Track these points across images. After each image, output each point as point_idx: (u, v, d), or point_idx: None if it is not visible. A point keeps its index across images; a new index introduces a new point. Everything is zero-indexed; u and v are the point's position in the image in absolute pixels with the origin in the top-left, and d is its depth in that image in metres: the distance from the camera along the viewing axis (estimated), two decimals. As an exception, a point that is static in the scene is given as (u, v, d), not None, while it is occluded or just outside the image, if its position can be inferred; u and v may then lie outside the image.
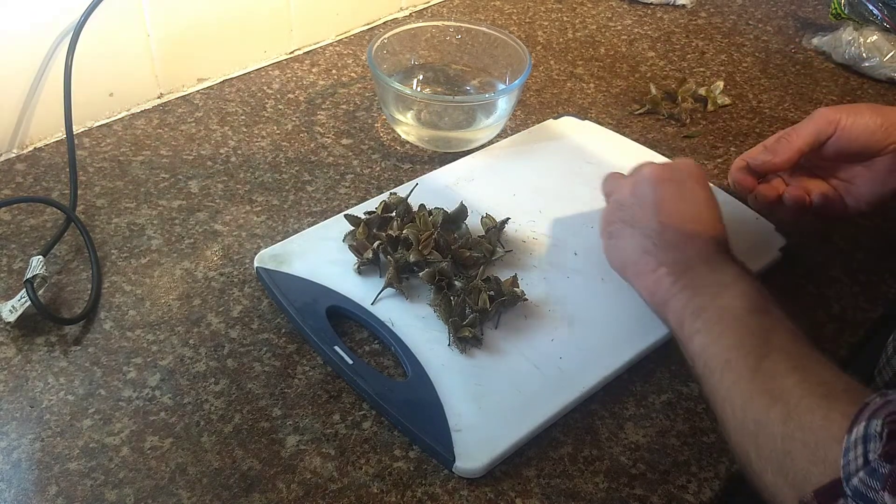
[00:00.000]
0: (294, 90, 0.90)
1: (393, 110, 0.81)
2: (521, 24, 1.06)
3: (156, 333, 0.62)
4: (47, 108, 0.78)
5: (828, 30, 1.04)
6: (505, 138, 0.82)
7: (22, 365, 0.59)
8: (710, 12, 1.12)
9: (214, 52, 0.88)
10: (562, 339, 0.61)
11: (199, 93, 0.88)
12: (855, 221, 0.76)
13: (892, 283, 0.71)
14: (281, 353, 0.61)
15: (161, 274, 0.67)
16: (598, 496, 0.53)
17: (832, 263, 0.72)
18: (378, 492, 0.52)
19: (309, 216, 0.73)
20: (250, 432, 0.55)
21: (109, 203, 0.73)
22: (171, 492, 0.52)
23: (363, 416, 0.57)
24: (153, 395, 0.58)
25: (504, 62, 0.85)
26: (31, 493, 0.51)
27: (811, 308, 0.68)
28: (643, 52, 1.02)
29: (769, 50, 1.04)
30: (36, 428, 0.55)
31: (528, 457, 0.55)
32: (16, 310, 0.60)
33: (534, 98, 0.91)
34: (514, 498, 0.53)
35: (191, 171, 0.78)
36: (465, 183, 0.75)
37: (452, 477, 0.54)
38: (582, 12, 1.10)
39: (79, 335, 0.61)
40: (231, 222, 0.72)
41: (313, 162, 0.80)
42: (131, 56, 0.82)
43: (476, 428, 0.55)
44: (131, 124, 0.83)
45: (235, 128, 0.84)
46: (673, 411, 0.59)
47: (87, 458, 0.53)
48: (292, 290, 0.63)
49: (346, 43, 0.99)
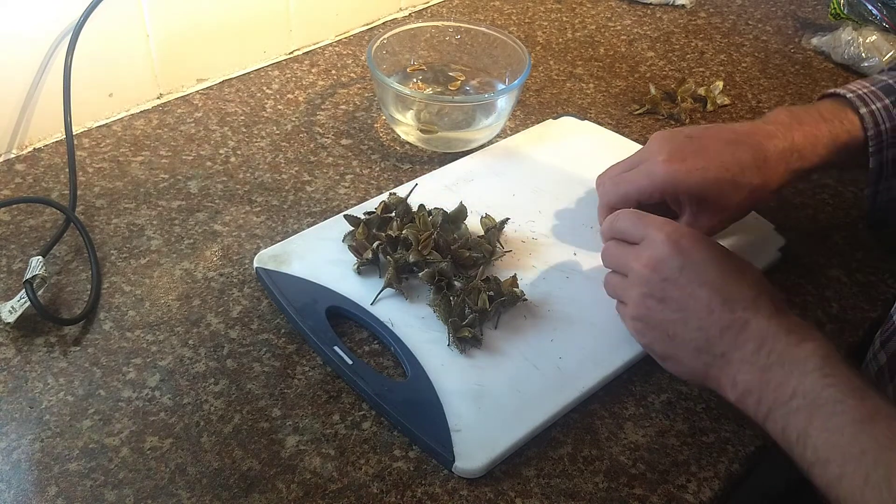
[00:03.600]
0: (293, 90, 0.90)
1: (392, 110, 0.81)
2: (520, 24, 1.06)
3: (155, 334, 0.62)
4: (47, 108, 0.78)
5: (827, 30, 1.04)
6: (504, 139, 0.83)
7: (21, 365, 0.59)
8: (710, 12, 1.12)
9: (214, 53, 0.88)
10: (561, 339, 0.61)
11: (198, 93, 0.88)
12: (854, 221, 0.76)
13: (892, 284, 0.71)
14: (280, 354, 0.61)
15: (160, 274, 0.67)
16: (597, 496, 0.53)
17: (831, 263, 0.72)
18: (378, 492, 0.52)
19: (308, 216, 0.73)
20: (250, 432, 0.55)
21: (109, 203, 0.73)
22: (171, 492, 0.52)
23: (363, 416, 0.57)
24: (153, 395, 0.58)
25: (503, 62, 0.85)
26: (31, 494, 0.51)
27: (810, 308, 0.68)
28: (642, 52, 1.02)
29: (768, 50, 1.04)
30: (35, 428, 0.55)
31: (528, 457, 0.55)
32: (15, 310, 0.60)
33: (533, 98, 0.91)
34: (514, 498, 0.53)
35: (190, 171, 0.78)
36: (464, 183, 0.75)
37: (452, 477, 0.54)
38: (581, 12, 1.10)
39: (78, 336, 0.61)
40: (230, 223, 0.72)
41: (313, 162, 0.80)
42: (131, 56, 0.82)
43: (476, 428, 0.55)
44: (131, 125, 0.83)
45: (235, 128, 0.84)
46: (672, 411, 0.59)
47: (86, 459, 0.53)
48: (292, 290, 0.63)
49: (345, 43, 0.99)
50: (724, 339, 0.52)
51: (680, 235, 0.55)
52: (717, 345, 0.52)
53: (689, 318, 0.53)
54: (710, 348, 0.53)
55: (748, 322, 0.52)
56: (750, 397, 0.51)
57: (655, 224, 0.57)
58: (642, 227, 0.57)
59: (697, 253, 0.55)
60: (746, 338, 0.52)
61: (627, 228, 0.59)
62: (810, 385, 0.48)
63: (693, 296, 0.53)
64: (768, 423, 0.50)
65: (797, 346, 0.50)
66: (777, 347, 0.50)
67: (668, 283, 0.54)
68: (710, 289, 0.53)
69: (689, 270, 0.54)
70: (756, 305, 0.52)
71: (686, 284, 0.54)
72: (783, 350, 0.50)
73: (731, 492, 0.56)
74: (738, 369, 0.52)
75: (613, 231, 0.60)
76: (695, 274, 0.54)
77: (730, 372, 0.52)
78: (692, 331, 0.53)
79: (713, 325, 0.53)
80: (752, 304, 0.52)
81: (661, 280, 0.55)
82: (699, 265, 0.54)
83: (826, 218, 0.77)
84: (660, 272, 0.55)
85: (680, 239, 0.55)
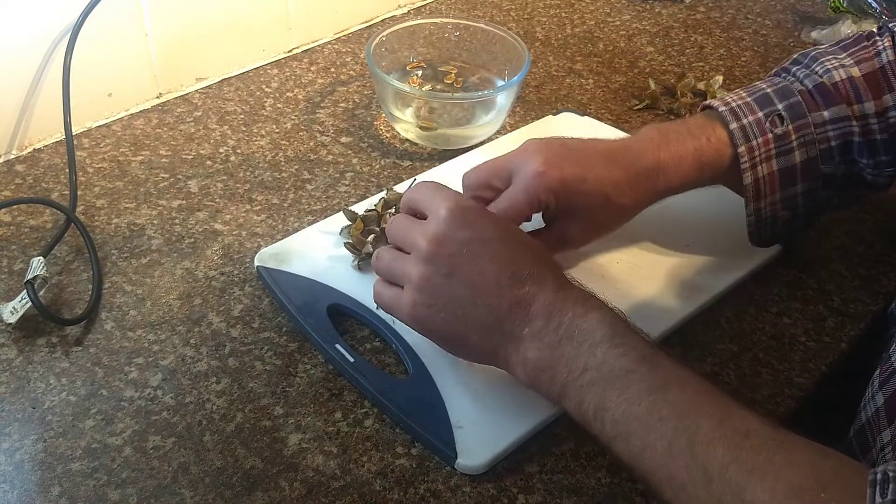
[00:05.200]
0: (293, 89, 0.90)
1: (392, 108, 0.81)
2: (519, 20, 1.06)
3: (157, 333, 0.62)
4: (46, 109, 0.78)
5: (827, 23, 1.04)
6: (504, 135, 0.82)
7: (23, 366, 0.59)
8: (709, 6, 1.12)
9: (213, 52, 0.88)
10: (563, 336, 0.61)
11: (197, 92, 0.88)
12: (855, 215, 0.76)
13: (893, 277, 0.70)
14: (282, 352, 0.61)
15: (161, 274, 0.67)
16: (600, 491, 0.53)
17: (832, 257, 0.72)
18: (380, 489, 0.53)
19: (309, 214, 0.73)
20: (252, 431, 0.56)
21: (109, 203, 0.73)
22: (174, 491, 0.52)
23: (365, 413, 0.57)
24: (155, 394, 0.58)
25: (503, 58, 0.85)
26: (34, 494, 0.51)
27: (812, 302, 0.68)
28: (642, 47, 1.02)
29: (768, 44, 1.03)
30: (38, 429, 0.55)
31: (531, 453, 0.55)
32: (17, 311, 0.60)
33: (533, 94, 0.91)
34: (517, 494, 0.53)
35: (190, 170, 0.78)
36: (464, 180, 0.75)
37: (455, 474, 0.54)
38: (580, 8, 1.10)
39: (80, 336, 0.61)
40: (231, 221, 0.72)
41: (313, 160, 0.80)
42: (130, 56, 0.82)
43: (478, 424, 0.55)
44: (130, 124, 0.83)
45: (234, 127, 0.83)
46: (674, 406, 0.59)
47: (89, 459, 0.53)
48: (293, 288, 0.63)
49: (344, 41, 0.99)
50: (514, 315, 0.50)
51: (464, 209, 0.53)
52: (506, 322, 0.51)
53: (478, 294, 0.51)
54: (499, 326, 0.51)
55: (536, 296, 0.50)
56: (543, 375, 0.50)
57: (443, 196, 0.54)
58: (433, 200, 0.54)
59: (484, 228, 0.53)
60: (535, 313, 0.50)
61: (420, 200, 0.55)
62: (602, 357, 0.47)
63: (482, 272, 0.51)
64: (564, 400, 0.49)
65: (584, 317, 0.49)
66: (564, 321, 0.49)
67: (455, 258, 0.51)
68: (498, 263, 0.51)
69: (477, 245, 0.52)
70: (543, 280, 0.51)
71: (473, 259, 0.51)
72: (570, 323, 0.49)
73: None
74: (527, 346, 0.50)
75: (408, 202, 0.57)
76: (482, 248, 0.52)
77: (520, 349, 0.51)
78: (481, 307, 0.51)
79: (503, 302, 0.51)
80: (539, 279, 0.51)
81: (447, 255, 0.51)
82: (486, 240, 0.52)
83: (827, 212, 0.77)
84: (446, 247, 0.52)
85: (465, 212, 0.53)
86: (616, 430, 0.46)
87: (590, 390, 0.47)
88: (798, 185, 0.64)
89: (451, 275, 0.52)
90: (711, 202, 0.70)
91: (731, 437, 0.42)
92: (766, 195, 0.64)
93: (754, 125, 0.63)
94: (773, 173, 0.63)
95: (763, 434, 0.42)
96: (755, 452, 0.41)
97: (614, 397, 0.46)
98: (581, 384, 0.48)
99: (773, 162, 0.63)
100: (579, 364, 0.48)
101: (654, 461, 0.44)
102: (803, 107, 0.63)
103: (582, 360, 0.48)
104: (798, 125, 0.63)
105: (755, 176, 0.63)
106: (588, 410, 0.48)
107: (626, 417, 0.46)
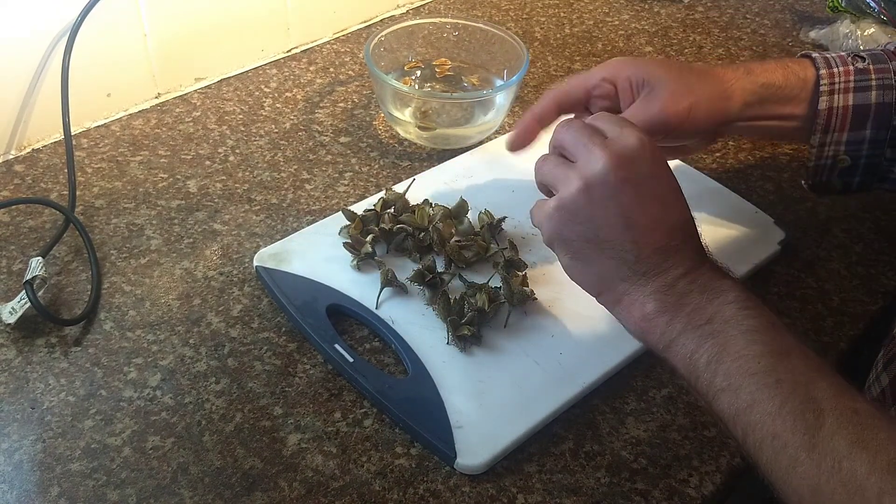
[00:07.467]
0: (292, 89, 0.90)
1: (391, 108, 0.81)
2: (518, 20, 1.06)
3: (156, 333, 0.62)
4: (45, 109, 0.78)
5: (825, 23, 1.04)
6: (503, 135, 0.82)
7: (22, 366, 0.59)
8: (707, 6, 1.12)
9: (212, 52, 0.88)
10: (562, 335, 0.61)
11: (196, 92, 0.88)
12: (854, 214, 0.76)
13: (892, 276, 0.71)
14: (281, 352, 0.61)
15: (160, 274, 0.67)
16: (599, 491, 0.53)
17: (831, 256, 0.72)
18: (380, 489, 0.53)
19: (308, 214, 0.73)
20: (252, 431, 0.56)
21: (108, 203, 0.73)
22: (174, 491, 0.52)
23: (364, 413, 0.57)
24: (154, 395, 0.58)
25: (501, 58, 0.85)
26: (34, 495, 0.51)
27: (810, 301, 0.68)
28: (641, 46, 1.02)
29: (766, 44, 1.03)
30: (37, 429, 0.55)
31: (530, 452, 0.55)
32: (16, 311, 0.60)
33: (532, 94, 0.91)
34: (516, 493, 0.53)
35: (189, 170, 0.77)
36: (463, 180, 0.75)
37: (454, 473, 0.54)
38: (579, 7, 1.10)
39: (79, 336, 0.61)
40: (230, 221, 0.72)
41: (312, 160, 0.80)
42: (128, 56, 0.82)
43: (477, 424, 0.55)
44: (129, 124, 0.83)
45: (233, 127, 0.83)
46: (674, 406, 0.59)
47: (88, 459, 0.53)
48: (292, 288, 0.63)
49: (343, 41, 0.99)
50: (653, 259, 0.51)
51: (654, 147, 0.53)
52: (644, 263, 0.51)
53: (630, 227, 0.51)
54: (635, 264, 0.51)
55: (679, 251, 0.51)
56: (660, 317, 0.50)
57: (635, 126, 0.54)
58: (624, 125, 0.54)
59: (663, 172, 0.53)
60: (674, 264, 0.51)
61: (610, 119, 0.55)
62: (730, 313, 0.48)
63: (645, 209, 0.51)
64: (673, 346, 0.49)
65: (720, 280, 0.50)
66: (699, 279, 0.50)
67: (626, 184, 0.51)
68: (663, 208, 0.52)
69: (653, 183, 0.52)
70: (691, 238, 0.52)
71: (642, 195, 0.51)
72: (705, 281, 0.50)
73: (732, 486, 0.56)
74: (653, 290, 0.51)
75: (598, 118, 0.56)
76: (657, 188, 0.52)
77: (644, 291, 0.51)
78: (627, 242, 0.51)
79: (649, 244, 0.51)
80: (689, 237, 0.52)
81: (622, 178, 0.51)
82: (661, 183, 0.52)
83: (825, 211, 0.77)
84: (625, 170, 0.51)
85: (654, 150, 0.53)
86: (727, 382, 0.46)
87: (708, 340, 0.48)
88: (867, 130, 0.64)
89: (614, 197, 0.51)
90: (711, 202, 0.71)
91: (841, 410, 0.43)
92: (835, 130, 0.65)
93: (836, 59, 0.65)
94: (847, 108, 0.64)
95: (871, 413, 0.43)
96: (861, 428, 0.42)
97: (734, 351, 0.47)
98: (700, 333, 0.48)
99: (850, 96, 0.64)
100: (704, 315, 0.49)
101: (762, 418, 0.45)
102: (885, 56, 0.65)
103: (708, 312, 0.49)
104: (878, 67, 0.64)
105: (830, 104, 0.64)
106: (700, 359, 0.48)
107: (741, 372, 0.46)
